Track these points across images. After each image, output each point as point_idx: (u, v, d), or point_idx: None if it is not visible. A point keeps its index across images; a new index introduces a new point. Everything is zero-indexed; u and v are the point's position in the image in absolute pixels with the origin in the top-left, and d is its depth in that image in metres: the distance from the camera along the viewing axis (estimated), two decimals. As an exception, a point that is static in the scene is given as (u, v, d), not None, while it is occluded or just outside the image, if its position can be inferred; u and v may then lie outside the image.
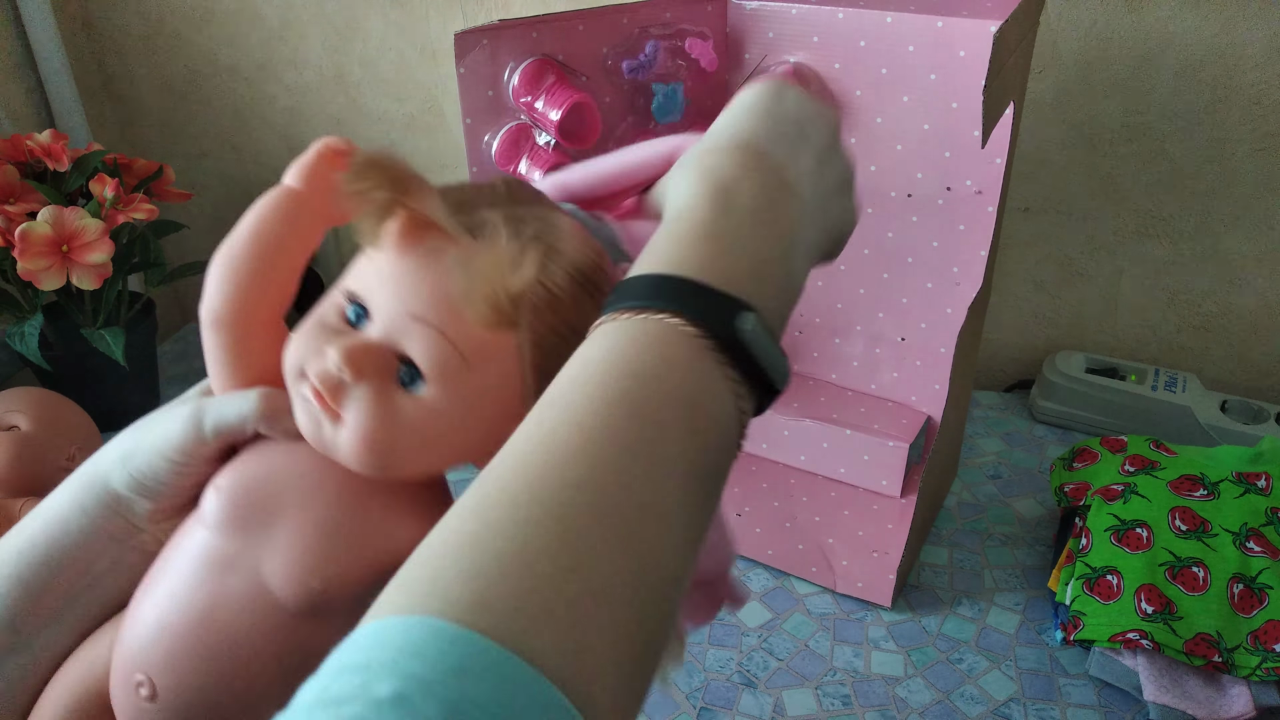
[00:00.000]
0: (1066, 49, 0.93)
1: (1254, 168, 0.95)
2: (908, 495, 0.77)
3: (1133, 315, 1.07)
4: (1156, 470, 0.81)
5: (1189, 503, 0.76)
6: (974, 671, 0.74)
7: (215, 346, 0.42)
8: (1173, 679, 0.70)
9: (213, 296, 0.41)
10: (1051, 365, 1.05)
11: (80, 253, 0.89)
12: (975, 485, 0.95)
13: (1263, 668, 0.67)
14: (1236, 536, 0.73)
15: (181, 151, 1.29)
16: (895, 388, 0.83)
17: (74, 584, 0.43)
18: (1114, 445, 0.86)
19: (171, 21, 1.19)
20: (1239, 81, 0.91)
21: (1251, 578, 0.71)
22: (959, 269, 0.76)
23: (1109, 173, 0.99)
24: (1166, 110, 0.94)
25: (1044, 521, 0.90)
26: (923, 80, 0.73)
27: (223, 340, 0.41)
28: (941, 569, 0.84)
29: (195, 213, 1.30)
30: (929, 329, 0.79)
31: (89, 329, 0.97)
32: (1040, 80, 0.95)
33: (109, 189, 0.92)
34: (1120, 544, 0.75)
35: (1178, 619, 0.69)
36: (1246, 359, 1.05)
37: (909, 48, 0.72)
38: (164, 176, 1.05)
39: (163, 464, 0.41)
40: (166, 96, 1.25)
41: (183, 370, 1.19)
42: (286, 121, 1.22)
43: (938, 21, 0.70)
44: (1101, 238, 1.03)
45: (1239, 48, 0.89)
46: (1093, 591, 0.73)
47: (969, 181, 0.73)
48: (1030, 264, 1.07)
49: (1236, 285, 1.01)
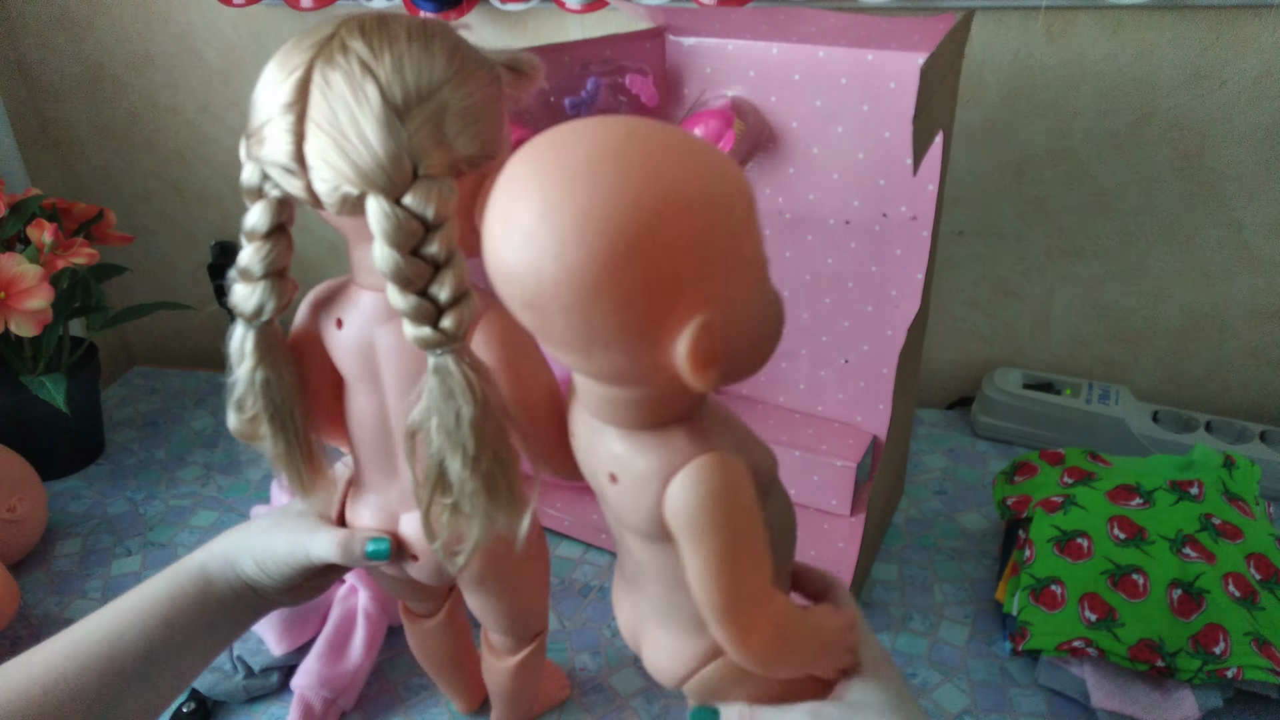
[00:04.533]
0: (992, 78, 0.96)
1: (1174, 188, 0.98)
2: (857, 514, 0.79)
3: (1065, 331, 1.10)
4: (1094, 481, 0.83)
5: (1126, 511, 0.79)
6: (927, 685, 0.76)
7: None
8: (1119, 685, 0.71)
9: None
10: (990, 382, 1.07)
11: (18, 299, 0.88)
12: (922, 501, 0.97)
13: (1204, 671, 0.69)
14: (1173, 543, 0.76)
15: (123, 194, 1.28)
16: (841, 408, 0.85)
17: (192, 631, 0.57)
18: (1052, 458, 0.88)
19: (110, 65, 1.18)
20: (1157, 105, 0.94)
21: (1189, 583, 0.73)
22: (897, 291, 0.78)
23: (1037, 196, 1.02)
24: (1089, 135, 0.97)
25: (989, 534, 0.92)
26: (856, 111, 0.75)
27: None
28: (892, 585, 0.86)
29: (138, 255, 1.29)
30: (871, 350, 0.81)
31: (29, 376, 0.96)
32: (968, 109, 0.98)
33: (47, 234, 0.91)
34: (1062, 554, 0.77)
35: (1120, 625, 0.71)
36: (1175, 371, 1.09)
37: (841, 80, 0.75)
38: (105, 220, 1.04)
39: (287, 569, 0.57)
40: (106, 139, 1.24)
41: (127, 414, 1.18)
42: (230, 162, 1.22)
43: (868, 55, 0.73)
44: (1032, 258, 1.06)
45: (1155, 73, 0.93)
46: (1038, 601, 0.75)
47: (904, 207, 0.76)
48: (966, 285, 1.10)
49: (1161, 300, 1.05)
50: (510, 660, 0.64)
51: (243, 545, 0.59)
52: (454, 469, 0.45)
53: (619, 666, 0.78)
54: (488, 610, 0.61)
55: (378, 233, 0.43)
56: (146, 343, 1.40)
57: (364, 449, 0.56)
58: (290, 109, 0.43)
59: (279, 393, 0.50)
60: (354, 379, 0.53)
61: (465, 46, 0.46)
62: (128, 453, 1.10)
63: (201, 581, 0.57)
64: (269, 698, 0.76)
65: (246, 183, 0.46)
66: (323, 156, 0.43)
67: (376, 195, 0.43)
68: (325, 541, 0.56)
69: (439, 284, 0.44)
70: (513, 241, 0.37)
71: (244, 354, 0.49)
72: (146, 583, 0.57)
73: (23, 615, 0.85)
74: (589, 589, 0.87)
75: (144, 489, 1.03)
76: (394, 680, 0.78)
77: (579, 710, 0.74)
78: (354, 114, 0.42)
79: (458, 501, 0.46)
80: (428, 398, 0.45)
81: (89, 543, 0.95)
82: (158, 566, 0.90)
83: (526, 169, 0.38)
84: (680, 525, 0.42)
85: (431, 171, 0.43)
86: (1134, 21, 0.91)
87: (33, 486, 0.93)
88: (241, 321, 0.49)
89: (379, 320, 0.50)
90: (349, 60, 0.43)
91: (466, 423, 0.44)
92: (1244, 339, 1.04)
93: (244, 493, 1.02)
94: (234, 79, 1.17)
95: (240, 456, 1.08)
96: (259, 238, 0.47)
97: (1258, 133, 0.93)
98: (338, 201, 0.44)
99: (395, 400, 0.52)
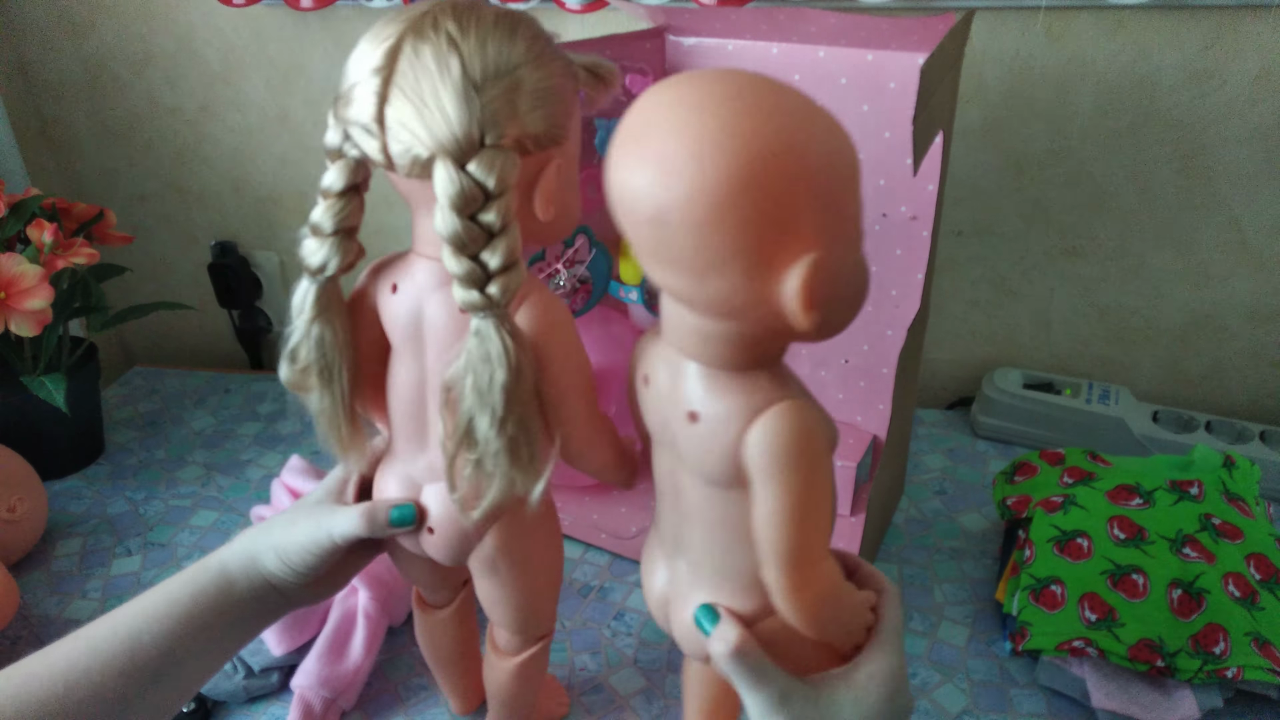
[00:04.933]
0: (992, 78, 0.96)
1: (1174, 187, 0.98)
2: (857, 514, 0.79)
3: (1065, 331, 1.10)
4: (1094, 481, 0.83)
5: (1126, 512, 0.79)
6: (927, 685, 0.76)
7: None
8: (1119, 685, 0.71)
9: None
10: (990, 382, 1.07)
11: (18, 299, 0.88)
12: (922, 501, 0.97)
13: (1204, 671, 0.69)
14: (1173, 543, 0.76)
15: (123, 194, 1.28)
16: (841, 408, 0.85)
17: (213, 631, 0.57)
18: (1052, 458, 0.88)
19: (110, 65, 1.19)
20: (1157, 105, 0.95)
21: (1189, 583, 0.73)
22: (897, 291, 0.78)
23: (1037, 196, 1.02)
24: (1089, 134, 0.98)
25: (989, 534, 0.92)
26: (856, 111, 0.75)
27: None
28: (892, 586, 0.86)
29: (138, 255, 1.29)
30: (871, 350, 0.81)
31: (29, 376, 0.96)
32: (968, 109, 0.98)
33: (47, 234, 0.91)
34: (1062, 554, 0.77)
35: (1120, 625, 0.71)
36: (1175, 370, 1.09)
37: (841, 80, 0.75)
38: (105, 220, 1.04)
39: (310, 557, 0.57)
40: (106, 139, 1.24)
41: (127, 414, 1.18)
42: (230, 163, 1.22)
43: (868, 55, 0.73)
44: (1032, 258, 1.06)
45: (1155, 73, 0.93)
46: (1038, 601, 0.75)
47: (904, 207, 0.76)
48: (966, 285, 1.10)
49: (1161, 300, 1.05)
50: (513, 660, 0.64)
51: (264, 541, 0.59)
52: (481, 427, 0.48)
53: (619, 666, 0.78)
54: (498, 599, 0.61)
55: (441, 195, 0.46)
56: (146, 343, 1.40)
57: (398, 417, 0.57)
58: (378, 73, 0.46)
59: (331, 349, 0.53)
60: (400, 345, 0.55)
61: (547, 38, 0.49)
62: (127, 453, 1.10)
63: (223, 581, 0.58)
64: (269, 698, 0.76)
65: (330, 143, 0.49)
66: (401, 120, 0.46)
67: (444, 159, 0.46)
68: (348, 516, 0.57)
69: (491, 251, 0.46)
70: (645, 158, 0.39)
71: (304, 307, 0.52)
72: (166, 582, 0.57)
73: (22, 615, 0.85)
74: (589, 589, 0.87)
75: (144, 489, 1.03)
76: (394, 680, 0.78)
77: (579, 710, 0.74)
78: (436, 84, 0.45)
79: (481, 458, 0.49)
80: (466, 357, 0.48)
81: (89, 543, 0.95)
82: (158, 566, 0.91)
83: (662, 98, 0.40)
84: (760, 466, 0.43)
85: (498, 142, 0.46)
86: (1134, 21, 0.91)
87: (33, 486, 0.93)
88: (306, 275, 0.51)
89: (431, 288, 0.53)
90: (438, 35, 0.46)
91: (499, 386, 0.47)
92: (1244, 339, 1.04)
93: (244, 493, 1.02)
94: (234, 79, 1.17)
95: (240, 456, 1.08)
96: (333, 195, 0.50)
97: (1257, 133, 0.93)
98: (409, 163, 0.47)
99: (435, 368, 0.54)
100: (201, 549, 0.93)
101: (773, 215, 0.38)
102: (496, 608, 0.62)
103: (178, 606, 0.56)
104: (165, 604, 0.56)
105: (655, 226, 0.40)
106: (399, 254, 0.55)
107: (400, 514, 0.57)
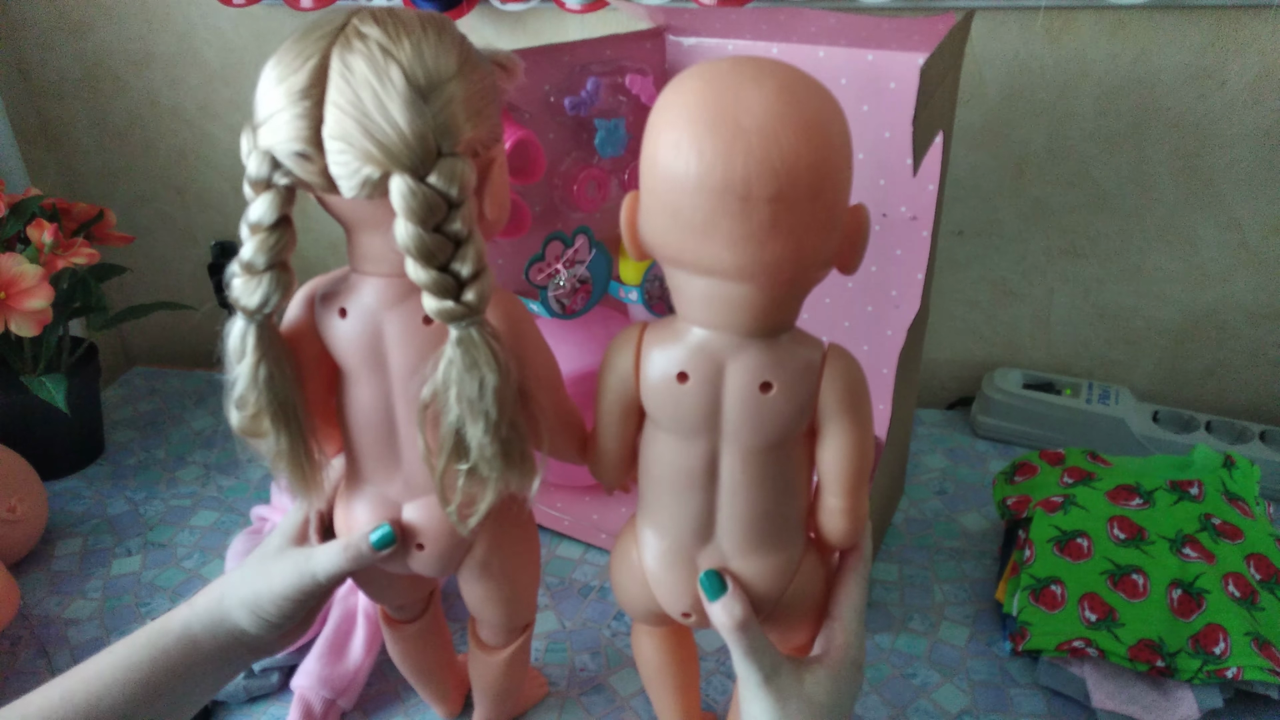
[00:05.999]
0: (992, 78, 0.96)
1: (1174, 188, 0.98)
2: (857, 514, 0.79)
3: (1065, 332, 1.10)
4: (1094, 481, 0.83)
5: (1126, 512, 0.79)
6: (927, 686, 0.76)
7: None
8: (1119, 685, 0.71)
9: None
10: (990, 382, 1.07)
11: (18, 299, 0.88)
12: (922, 501, 0.97)
13: (1204, 670, 0.69)
14: (1173, 543, 0.76)
15: (123, 194, 1.28)
16: (841, 409, 0.85)
17: (175, 693, 0.55)
18: (1053, 458, 0.88)
19: (110, 64, 1.19)
20: (1157, 105, 0.95)
21: (1189, 583, 0.73)
22: (897, 292, 0.79)
23: (1037, 196, 1.02)
24: (1089, 135, 0.98)
25: (989, 534, 0.92)
26: (856, 111, 0.75)
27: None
28: (892, 585, 0.86)
29: (138, 256, 1.29)
30: (871, 350, 0.81)
31: (29, 376, 0.96)
32: (968, 109, 0.98)
33: (47, 234, 0.91)
34: (1062, 554, 0.77)
35: (1120, 626, 0.71)
36: (1174, 371, 1.09)
37: (841, 80, 0.75)
38: (105, 220, 1.04)
39: (289, 605, 0.56)
40: (106, 139, 1.24)
41: (127, 414, 1.18)
42: (230, 162, 1.22)
43: (868, 55, 0.73)
44: (1033, 258, 1.06)
45: (1156, 73, 0.93)
46: (1038, 602, 0.75)
47: (904, 208, 0.76)
48: (966, 285, 1.10)
49: (1161, 300, 1.05)
50: (503, 654, 0.65)
51: (231, 598, 0.57)
52: (475, 435, 0.48)
53: (619, 667, 0.78)
54: (488, 599, 0.61)
55: (402, 210, 0.44)
56: (146, 343, 1.40)
57: (364, 441, 0.55)
58: (308, 94, 0.44)
59: (282, 387, 0.50)
60: (356, 368, 0.53)
61: (466, 39, 0.48)
62: (127, 453, 1.10)
63: (186, 643, 0.56)
64: (269, 698, 0.76)
65: (255, 174, 0.46)
66: (345, 139, 0.44)
67: (402, 174, 0.44)
68: (328, 554, 0.55)
69: (460, 259, 0.46)
70: (748, 145, 0.41)
71: (245, 349, 0.49)
72: (125, 642, 0.55)
73: (23, 615, 0.85)
74: (589, 589, 0.87)
75: (144, 489, 1.03)
76: (394, 680, 0.78)
77: (579, 710, 0.74)
78: (378, 95, 0.44)
79: (476, 465, 0.49)
80: (446, 370, 0.47)
81: (89, 543, 0.95)
82: (158, 566, 0.91)
83: (718, 85, 0.43)
84: (840, 403, 0.48)
85: (454, 150, 0.45)
86: (1134, 21, 0.91)
87: (33, 486, 0.93)
88: (243, 316, 0.49)
89: (386, 305, 0.51)
90: (368, 45, 0.44)
91: (490, 390, 0.47)
92: (1244, 339, 1.05)
93: (244, 493, 1.02)
94: (234, 79, 1.17)
95: (240, 456, 1.08)
96: (264, 229, 0.47)
97: (1257, 133, 0.93)
98: (358, 184, 0.45)
99: (401, 385, 0.53)
100: (202, 549, 0.93)
101: (848, 177, 0.44)
102: (488, 607, 0.62)
103: (137, 672, 0.54)
104: (124, 669, 0.54)
105: (774, 204, 0.42)
106: (335, 275, 0.53)
107: (380, 537, 0.55)
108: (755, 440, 0.49)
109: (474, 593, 0.61)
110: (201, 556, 0.92)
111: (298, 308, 0.54)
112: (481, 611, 0.62)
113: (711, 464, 0.51)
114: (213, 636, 0.56)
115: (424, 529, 0.56)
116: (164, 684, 0.54)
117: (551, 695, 0.76)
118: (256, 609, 0.56)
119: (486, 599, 0.61)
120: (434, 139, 0.44)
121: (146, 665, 0.54)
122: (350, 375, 0.54)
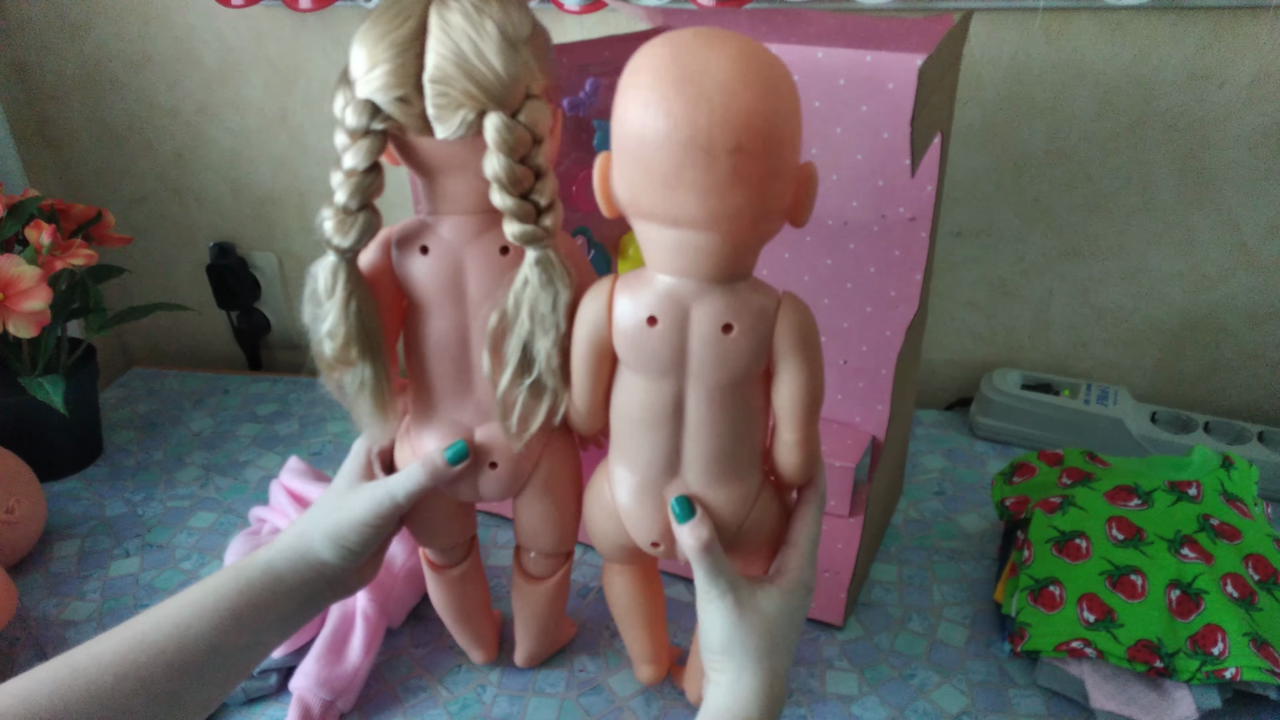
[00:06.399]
0: (990, 79, 0.96)
1: (1173, 188, 0.99)
2: (856, 514, 0.79)
3: (1063, 332, 1.10)
4: (1092, 481, 0.83)
5: (1125, 512, 0.79)
6: (926, 686, 0.76)
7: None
8: (1117, 686, 0.71)
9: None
10: (989, 383, 1.07)
11: (16, 300, 0.88)
12: (921, 502, 0.97)
13: (1202, 671, 0.69)
14: (1171, 544, 0.76)
15: (121, 195, 1.28)
16: (840, 409, 0.85)
17: (258, 625, 0.58)
18: (1051, 459, 0.89)
19: (108, 65, 1.18)
20: (1156, 106, 0.95)
21: (1187, 583, 0.73)
22: (896, 292, 0.78)
23: (1035, 197, 1.02)
24: (1088, 135, 0.98)
25: (988, 535, 0.92)
26: (854, 112, 0.75)
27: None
28: (891, 585, 0.86)
29: (137, 257, 1.29)
30: (870, 351, 0.81)
31: (27, 377, 0.96)
32: (967, 110, 0.98)
33: (46, 235, 0.91)
34: (1061, 554, 0.77)
35: (1119, 626, 0.71)
36: (1173, 371, 1.09)
37: (839, 81, 0.75)
38: (103, 221, 1.04)
39: (369, 531, 0.60)
40: (105, 140, 1.24)
41: (126, 416, 1.18)
42: (229, 163, 1.22)
43: (866, 56, 0.73)
44: (1031, 258, 1.06)
45: (1154, 73, 0.93)
46: (1037, 602, 0.75)
47: (902, 208, 0.76)
48: (964, 286, 1.10)
49: (1160, 301, 1.05)
50: (549, 582, 0.70)
51: (313, 532, 0.61)
52: (543, 347, 0.54)
53: (619, 667, 0.78)
54: (546, 518, 0.66)
55: (495, 144, 0.51)
56: (145, 344, 1.40)
57: (439, 369, 0.60)
58: (410, 46, 0.51)
59: (368, 319, 0.56)
60: (436, 302, 0.59)
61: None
62: (126, 454, 1.10)
63: (271, 577, 0.59)
64: (267, 699, 0.76)
65: (354, 124, 0.52)
66: (446, 82, 0.51)
67: (497, 111, 0.51)
68: (406, 473, 0.60)
69: (539, 191, 0.53)
70: (711, 104, 0.45)
71: (336, 285, 0.54)
72: (212, 577, 0.58)
73: (20, 617, 0.85)
74: (589, 589, 0.87)
75: (142, 490, 1.03)
76: (392, 681, 0.78)
77: (578, 711, 0.74)
78: (476, 44, 0.50)
79: (540, 378, 0.55)
80: (520, 288, 0.54)
81: (87, 544, 0.95)
82: (156, 568, 0.91)
83: (684, 47, 0.46)
84: (792, 343, 0.52)
85: (538, 93, 0.52)
86: (1133, 22, 0.91)
87: (31, 488, 0.93)
88: (334, 255, 0.54)
89: (467, 240, 0.57)
90: (462, 4, 0.51)
91: (563, 304, 0.54)
92: (1242, 340, 1.05)
93: (243, 494, 1.02)
94: (232, 80, 1.17)
95: (239, 457, 1.08)
96: (359, 173, 0.53)
97: (1256, 133, 0.93)
98: (456, 124, 0.51)
99: (478, 311, 0.58)
100: (200, 550, 0.93)
101: (799, 131, 0.48)
102: (545, 527, 0.66)
103: (225, 600, 0.57)
104: (213, 598, 0.57)
105: (735, 155, 0.45)
106: (404, 224, 0.59)
107: (455, 452, 0.61)
108: (718, 377, 0.53)
109: (533, 513, 0.66)
110: (200, 558, 0.92)
111: (375, 251, 0.59)
112: (536, 536, 0.67)
113: (678, 403, 0.55)
114: (295, 571, 0.60)
115: (497, 448, 0.62)
116: (249, 616, 0.57)
117: (552, 695, 0.76)
118: (339, 539, 0.60)
119: (545, 518, 0.66)
120: (525, 81, 0.51)
121: (233, 595, 0.57)
122: (428, 308, 0.59)
